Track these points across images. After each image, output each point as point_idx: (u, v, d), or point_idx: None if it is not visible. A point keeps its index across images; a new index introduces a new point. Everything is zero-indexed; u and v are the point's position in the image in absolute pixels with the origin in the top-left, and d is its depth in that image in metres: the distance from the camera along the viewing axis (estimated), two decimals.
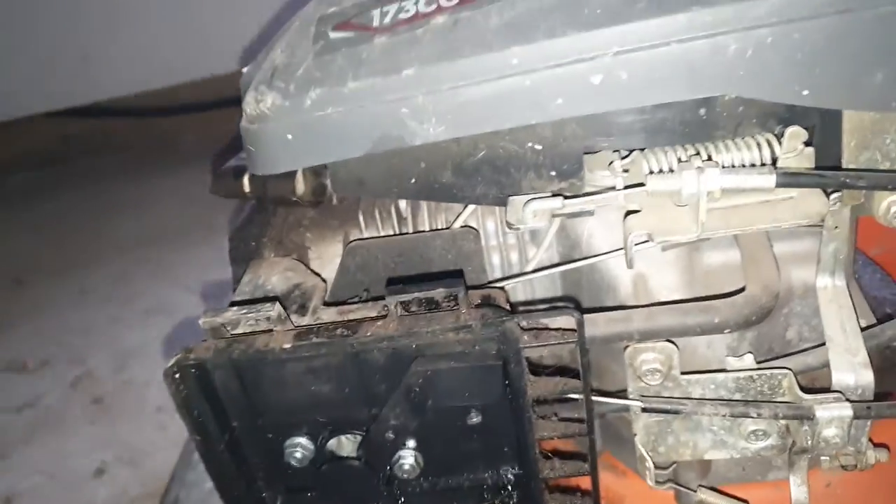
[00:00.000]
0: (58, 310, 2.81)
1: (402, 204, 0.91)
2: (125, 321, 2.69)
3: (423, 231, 0.88)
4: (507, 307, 0.68)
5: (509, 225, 0.66)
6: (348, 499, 0.77)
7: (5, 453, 2.10)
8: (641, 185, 0.63)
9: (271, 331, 0.66)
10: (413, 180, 0.76)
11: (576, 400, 0.72)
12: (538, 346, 0.62)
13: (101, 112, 4.28)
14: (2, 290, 3.00)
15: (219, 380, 0.70)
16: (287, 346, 0.63)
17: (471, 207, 0.86)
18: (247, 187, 0.93)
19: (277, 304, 0.65)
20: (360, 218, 0.91)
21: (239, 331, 0.68)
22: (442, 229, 0.86)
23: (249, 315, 0.64)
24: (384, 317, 0.66)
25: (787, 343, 0.85)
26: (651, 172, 0.64)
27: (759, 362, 0.77)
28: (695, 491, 0.79)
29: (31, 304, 2.86)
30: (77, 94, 3.83)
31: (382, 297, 0.75)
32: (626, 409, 0.77)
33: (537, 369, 0.69)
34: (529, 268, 0.83)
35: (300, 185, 0.89)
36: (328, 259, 0.91)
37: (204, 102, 4.37)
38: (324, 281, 0.82)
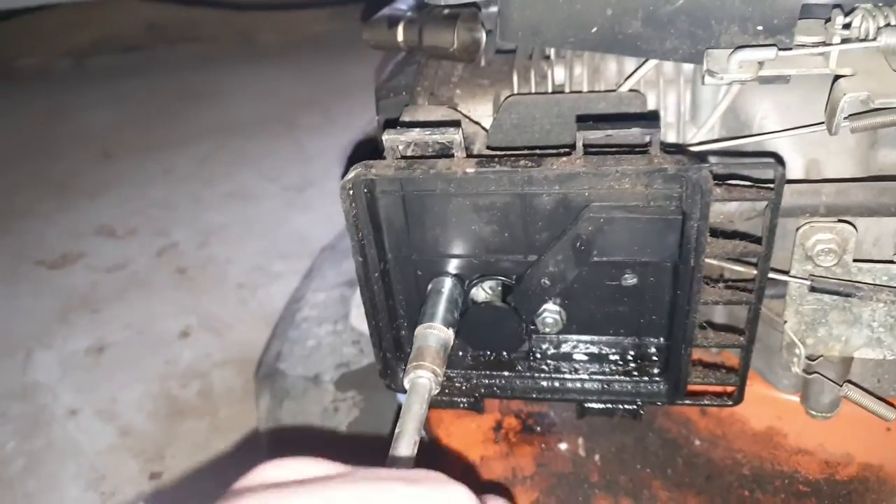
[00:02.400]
0: (143, 185, 2.89)
1: (560, 71, 0.88)
2: (206, 201, 2.76)
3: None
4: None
5: (711, 73, 0.63)
6: (489, 344, 0.77)
7: (97, 308, 2.20)
8: (868, 40, 0.59)
9: (451, 156, 0.64)
10: (595, 29, 0.72)
11: (741, 270, 0.70)
12: (731, 199, 0.60)
13: (183, 0, 4.28)
14: (91, 162, 3.10)
15: (383, 207, 0.70)
16: (470, 170, 0.62)
17: (638, 74, 0.82)
18: (400, 36, 0.91)
19: (461, 128, 0.63)
20: (514, 78, 0.89)
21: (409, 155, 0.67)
22: (607, 91, 0.83)
23: (433, 136, 0.63)
24: (568, 153, 0.64)
25: None
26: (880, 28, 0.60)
27: None
28: (840, 385, 0.77)
29: (120, 177, 2.95)
30: None
31: (553, 148, 0.73)
32: (782, 293, 0.75)
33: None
34: (694, 140, 0.80)
35: (457, 37, 0.87)
36: (478, 117, 0.89)
37: (284, 1, 4.34)
38: (484, 129, 0.80)
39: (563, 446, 1.00)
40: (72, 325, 2.16)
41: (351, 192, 0.66)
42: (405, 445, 0.54)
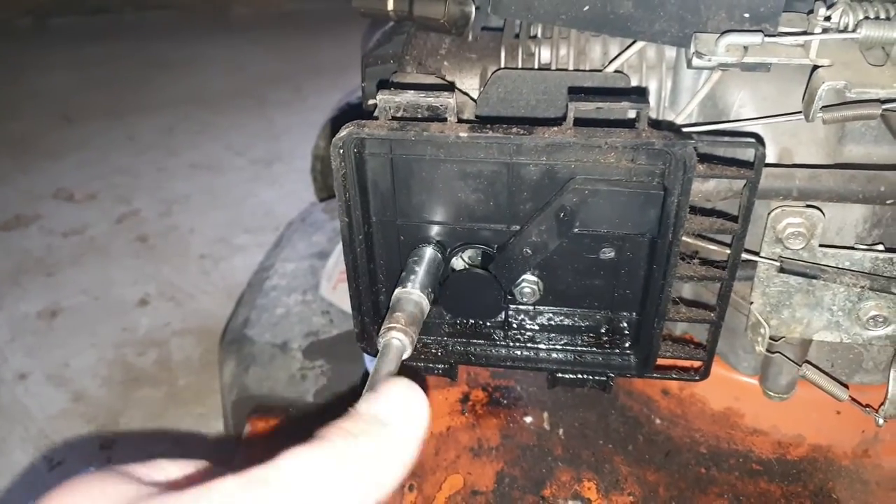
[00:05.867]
0: (106, 151, 2.82)
1: (546, 51, 0.90)
2: (171, 170, 2.71)
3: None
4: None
5: (699, 55, 0.65)
6: (467, 311, 0.78)
7: (52, 272, 2.15)
8: (847, 31, 0.61)
9: (443, 120, 0.65)
10: (587, 7, 0.74)
11: (715, 249, 0.73)
12: (712, 176, 0.62)
13: None
14: (51, 124, 3.00)
15: (371, 170, 0.70)
16: (463, 134, 0.63)
17: (623, 57, 0.84)
18: (390, 5, 0.91)
19: (455, 91, 0.64)
20: (502, 53, 0.90)
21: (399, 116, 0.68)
22: (593, 71, 0.84)
23: (428, 99, 0.64)
24: (558, 124, 0.65)
25: None
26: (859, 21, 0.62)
27: None
28: (800, 366, 0.81)
29: (80, 141, 2.87)
30: None
31: (540, 121, 0.74)
32: (749, 276, 0.78)
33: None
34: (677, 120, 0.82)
35: (447, 9, 0.88)
36: (465, 90, 0.89)
37: None
38: (473, 100, 0.81)
39: (528, 419, 1.02)
40: (24, 288, 2.11)
41: (342, 150, 0.66)
42: None
